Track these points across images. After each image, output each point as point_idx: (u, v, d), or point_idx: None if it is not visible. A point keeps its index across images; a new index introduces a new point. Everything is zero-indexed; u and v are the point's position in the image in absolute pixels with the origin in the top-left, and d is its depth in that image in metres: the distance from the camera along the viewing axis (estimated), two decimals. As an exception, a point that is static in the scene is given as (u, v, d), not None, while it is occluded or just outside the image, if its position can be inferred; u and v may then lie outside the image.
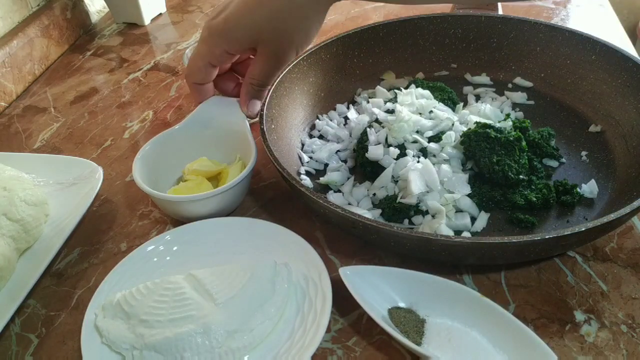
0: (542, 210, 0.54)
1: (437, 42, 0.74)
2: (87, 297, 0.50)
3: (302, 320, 0.46)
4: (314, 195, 0.47)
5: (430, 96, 0.63)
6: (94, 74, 0.90)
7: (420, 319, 0.45)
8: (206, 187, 0.56)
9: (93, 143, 0.73)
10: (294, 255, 0.50)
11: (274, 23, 0.51)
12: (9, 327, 0.50)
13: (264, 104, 0.59)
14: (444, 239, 0.43)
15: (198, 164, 0.59)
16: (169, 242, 0.53)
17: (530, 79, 0.71)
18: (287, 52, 0.54)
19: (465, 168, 0.57)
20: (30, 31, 0.89)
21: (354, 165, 0.62)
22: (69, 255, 0.57)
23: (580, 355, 0.43)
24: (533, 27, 0.70)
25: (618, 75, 0.62)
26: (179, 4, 1.12)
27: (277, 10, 0.50)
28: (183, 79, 0.85)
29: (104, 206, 0.63)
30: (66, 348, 0.48)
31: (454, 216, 0.53)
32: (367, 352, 0.45)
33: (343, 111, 0.70)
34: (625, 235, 0.53)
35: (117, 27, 1.05)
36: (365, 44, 0.73)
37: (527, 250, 0.44)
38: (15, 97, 0.85)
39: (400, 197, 0.54)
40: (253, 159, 0.56)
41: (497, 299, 0.46)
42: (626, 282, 0.48)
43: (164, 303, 0.45)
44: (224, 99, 0.61)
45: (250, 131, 0.59)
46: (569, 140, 0.63)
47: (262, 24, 0.51)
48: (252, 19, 0.52)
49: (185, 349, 0.42)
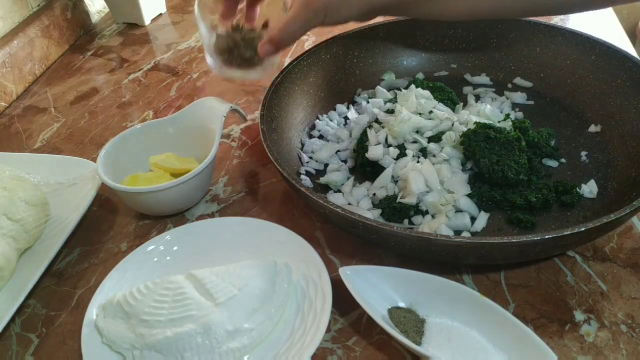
0: (542, 210, 0.54)
1: (437, 42, 0.74)
2: (87, 297, 0.50)
3: (302, 320, 0.46)
4: (314, 195, 0.47)
5: (430, 96, 0.63)
6: (94, 74, 0.90)
7: (420, 318, 0.45)
8: (163, 181, 0.56)
9: (93, 143, 0.73)
10: (294, 255, 0.50)
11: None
12: (10, 326, 0.50)
13: (264, 104, 0.59)
14: (444, 239, 0.43)
15: (161, 158, 0.60)
16: (169, 242, 0.54)
17: (530, 79, 0.71)
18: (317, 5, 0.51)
19: (465, 168, 0.57)
20: (30, 31, 0.89)
21: (354, 165, 0.62)
22: (69, 255, 0.57)
23: (580, 355, 0.43)
24: (533, 27, 0.70)
25: (618, 75, 0.62)
26: (179, 4, 1.12)
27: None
28: (183, 79, 0.86)
29: (104, 206, 0.63)
30: (66, 348, 0.48)
31: (454, 216, 0.53)
32: (367, 351, 0.45)
33: (343, 111, 0.70)
34: (624, 235, 0.53)
35: (117, 27, 1.05)
36: (365, 44, 0.73)
37: (526, 250, 0.44)
38: (15, 97, 0.85)
39: (400, 197, 0.54)
40: (209, 158, 0.56)
41: (497, 299, 0.46)
42: (626, 282, 0.48)
43: (164, 303, 0.45)
44: (216, 100, 0.62)
45: (221, 129, 0.59)
46: (569, 140, 0.63)
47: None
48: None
49: (186, 349, 0.42)
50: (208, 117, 0.61)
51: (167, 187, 0.54)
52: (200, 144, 0.61)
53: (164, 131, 0.63)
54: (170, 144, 0.63)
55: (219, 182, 0.64)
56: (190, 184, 0.55)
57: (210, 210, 0.60)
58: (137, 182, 0.58)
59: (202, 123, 0.62)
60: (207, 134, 0.60)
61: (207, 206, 0.61)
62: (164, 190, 0.54)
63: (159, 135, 0.63)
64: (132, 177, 0.59)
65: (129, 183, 0.58)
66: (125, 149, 0.61)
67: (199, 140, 0.61)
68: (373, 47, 0.73)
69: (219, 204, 0.61)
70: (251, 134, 0.72)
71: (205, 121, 0.61)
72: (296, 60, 0.66)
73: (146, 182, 0.57)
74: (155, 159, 0.60)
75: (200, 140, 0.61)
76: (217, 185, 0.64)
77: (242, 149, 0.69)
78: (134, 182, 0.58)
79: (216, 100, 0.63)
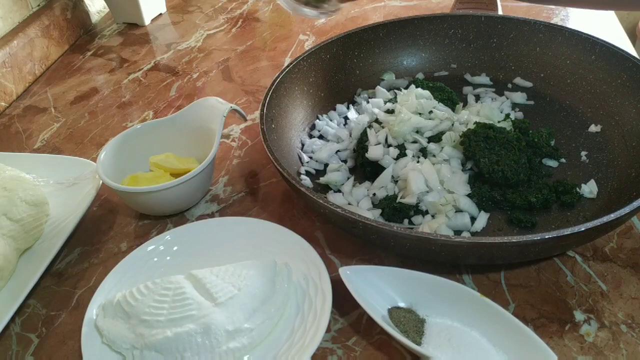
0: (542, 210, 0.54)
1: (437, 42, 0.74)
2: (87, 297, 0.50)
3: (302, 320, 0.46)
4: (314, 195, 0.47)
5: (430, 96, 0.63)
6: (94, 74, 0.90)
7: (420, 318, 0.45)
8: (163, 181, 0.57)
9: (93, 143, 0.73)
10: (294, 255, 0.50)
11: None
12: (10, 326, 0.50)
13: (264, 104, 0.59)
14: (444, 239, 0.43)
15: (161, 158, 0.60)
16: (169, 242, 0.54)
17: (530, 79, 0.71)
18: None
19: (465, 168, 0.57)
20: (30, 31, 0.89)
21: (354, 165, 0.62)
22: (69, 255, 0.57)
23: (579, 355, 0.43)
24: (533, 27, 0.70)
25: (618, 75, 0.62)
26: (179, 4, 1.12)
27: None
28: (183, 79, 0.86)
29: (104, 206, 0.63)
30: (66, 348, 0.48)
31: (454, 216, 0.53)
32: (367, 351, 0.45)
33: (343, 111, 0.70)
34: (624, 235, 0.53)
35: (117, 27, 1.05)
36: (365, 44, 0.73)
37: (526, 250, 0.44)
38: (15, 97, 0.85)
39: (400, 197, 0.54)
40: (209, 158, 0.56)
41: (497, 299, 0.46)
42: (626, 282, 0.48)
43: (164, 303, 0.45)
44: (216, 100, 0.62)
45: (221, 129, 0.59)
46: (569, 140, 0.63)
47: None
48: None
49: (186, 349, 0.42)
50: (208, 117, 0.61)
51: (167, 187, 0.54)
52: (200, 144, 0.61)
53: (164, 131, 0.63)
54: (170, 144, 0.63)
55: (219, 182, 0.64)
56: (190, 184, 0.55)
57: (210, 210, 0.60)
58: (137, 182, 0.58)
59: (202, 123, 0.62)
60: (207, 134, 0.60)
61: (207, 206, 0.61)
62: (164, 190, 0.54)
63: (159, 135, 0.63)
64: (132, 177, 0.59)
65: (129, 183, 0.58)
66: (125, 149, 0.61)
67: (199, 140, 0.61)
68: (373, 47, 0.73)
69: (219, 204, 0.61)
70: (251, 134, 0.72)
71: (205, 121, 0.61)
72: (296, 60, 0.66)
73: (146, 182, 0.57)
74: (155, 159, 0.60)
75: (200, 140, 0.61)
76: (217, 185, 0.64)
77: (242, 149, 0.69)
78: (134, 182, 0.58)
79: (216, 100, 0.63)
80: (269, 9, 1.07)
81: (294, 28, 0.98)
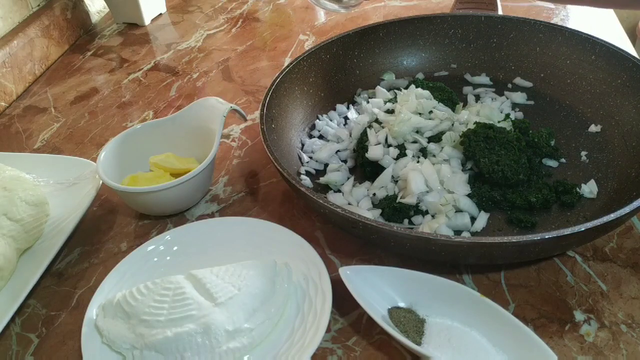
0: (542, 210, 0.54)
1: (437, 42, 0.74)
2: (87, 297, 0.50)
3: (302, 320, 0.46)
4: (314, 195, 0.47)
5: (430, 96, 0.63)
6: (94, 74, 0.90)
7: (420, 318, 0.45)
8: (163, 181, 0.57)
9: (93, 143, 0.73)
10: (294, 255, 0.50)
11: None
12: (10, 326, 0.50)
13: (264, 104, 0.59)
14: (444, 239, 0.43)
15: (161, 158, 0.60)
16: (169, 242, 0.54)
17: (530, 79, 0.71)
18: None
19: (465, 168, 0.57)
20: (30, 31, 0.89)
21: (354, 165, 0.62)
22: (69, 255, 0.57)
23: (579, 355, 0.43)
24: (533, 27, 0.70)
25: (618, 75, 0.62)
26: (179, 4, 1.12)
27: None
28: (183, 79, 0.86)
29: (104, 206, 0.63)
30: (66, 348, 0.48)
31: (454, 216, 0.53)
32: (367, 351, 0.45)
33: (343, 111, 0.70)
34: (624, 235, 0.53)
35: (117, 27, 1.05)
36: (365, 44, 0.73)
37: (526, 250, 0.44)
38: (15, 97, 0.85)
39: (400, 197, 0.54)
40: (209, 158, 0.56)
41: (497, 299, 0.46)
42: (626, 282, 0.48)
43: (164, 303, 0.45)
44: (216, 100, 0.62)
45: (221, 129, 0.59)
46: (569, 140, 0.63)
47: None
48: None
49: (186, 349, 0.42)
50: (208, 117, 0.61)
51: (167, 187, 0.54)
52: (200, 144, 0.61)
53: (164, 131, 0.63)
54: (170, 144, 0.63)
55: (219, 182, 0.64)
56: (190, 184, 0.55)
57: (210, 210, 0.60)
58: (137, 182, 0.58)
59: (202, 123, 0.62)
60: (207, 134, 0.60)
61: (207, 206, 0.61)
62: (164, 190, 0.54)
63: (159, 135, 0.63)
64: (132, 177, 0.59)
65: (129, 183, 0.58)
66: (125, 149, 0.61)
67: (199, 140, 0.61)
68: (373, 47, 0.73)
69: (219, 204, 0.61)
70: (251, 134, 0.72)
71: (205, 121, 0.61)
72: (296, 60, 0.66)
73: (146, 182, 0.57)
74: (155, 159, 0.60)
75: (200, 140, 0.61)
76: (217, 185, 0.64)
77: (242, 149, 0.69)
78: (134, 182, 0.58)
79: (216, 100, 0.63)
80: (269, 9, 1.07)
81: (294, 28, 0.98)
